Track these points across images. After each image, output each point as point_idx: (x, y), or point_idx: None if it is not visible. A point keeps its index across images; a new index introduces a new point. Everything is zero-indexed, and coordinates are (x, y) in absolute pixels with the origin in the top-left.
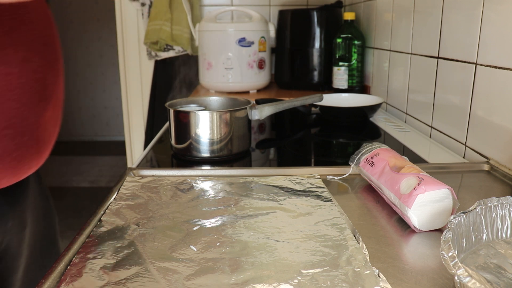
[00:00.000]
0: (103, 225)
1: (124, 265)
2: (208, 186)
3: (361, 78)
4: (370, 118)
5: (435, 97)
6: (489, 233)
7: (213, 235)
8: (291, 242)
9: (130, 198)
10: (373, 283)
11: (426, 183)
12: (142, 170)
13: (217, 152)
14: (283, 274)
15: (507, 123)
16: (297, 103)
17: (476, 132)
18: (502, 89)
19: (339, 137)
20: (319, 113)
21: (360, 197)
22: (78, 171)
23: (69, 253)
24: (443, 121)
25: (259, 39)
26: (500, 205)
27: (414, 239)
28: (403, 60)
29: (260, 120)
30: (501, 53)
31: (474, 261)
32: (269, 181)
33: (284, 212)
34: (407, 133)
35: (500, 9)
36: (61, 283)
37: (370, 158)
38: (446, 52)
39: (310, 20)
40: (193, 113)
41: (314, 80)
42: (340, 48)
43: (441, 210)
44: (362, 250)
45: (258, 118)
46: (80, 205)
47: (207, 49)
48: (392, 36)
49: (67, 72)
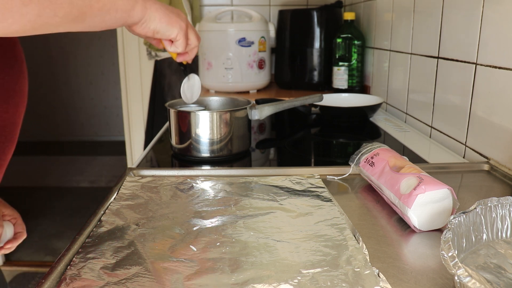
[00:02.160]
0: (103, 225)
1: (124, 265)
2: (208, 186)
3: (361, 78)
4: (370, 118)
5: (435, 97)
6: (489, 233)
7: (213, 235)
8: (291, 242)
9: (130, 198)
10: (373, 283)
11: (426, 183)
12: (142, 170)
13: (217, 152)
14: (283, 274)
15: (507, 123)
16: (297, 103)
17: (476, 132)
18: (502, 89)
19: (339, 137)
20: (319, 113)
21: (360, 197)
22: (78, 171)
23: (69, 253)
24: (443, 121)
25: (259, 39)
26: (500, 205)
27: (414, 239)
28: (403, 60)
29: (260, 120)
30: (501, 53)
31: (474, 261)
32: (269, 181)
33: (284, 212)
34: (407, 133)
35: (500, 9)
36: (61, 283)
37: (370, 158)
38: (446, 52)
39: (310, 20)
40: (193, 113)
41: (314, 80)
42: (340, 48)
43: (441, 210)
44: (362, 250)
45: (258, 118)
46: (80, 205)
47: (207, 49)
48: (392, 36)
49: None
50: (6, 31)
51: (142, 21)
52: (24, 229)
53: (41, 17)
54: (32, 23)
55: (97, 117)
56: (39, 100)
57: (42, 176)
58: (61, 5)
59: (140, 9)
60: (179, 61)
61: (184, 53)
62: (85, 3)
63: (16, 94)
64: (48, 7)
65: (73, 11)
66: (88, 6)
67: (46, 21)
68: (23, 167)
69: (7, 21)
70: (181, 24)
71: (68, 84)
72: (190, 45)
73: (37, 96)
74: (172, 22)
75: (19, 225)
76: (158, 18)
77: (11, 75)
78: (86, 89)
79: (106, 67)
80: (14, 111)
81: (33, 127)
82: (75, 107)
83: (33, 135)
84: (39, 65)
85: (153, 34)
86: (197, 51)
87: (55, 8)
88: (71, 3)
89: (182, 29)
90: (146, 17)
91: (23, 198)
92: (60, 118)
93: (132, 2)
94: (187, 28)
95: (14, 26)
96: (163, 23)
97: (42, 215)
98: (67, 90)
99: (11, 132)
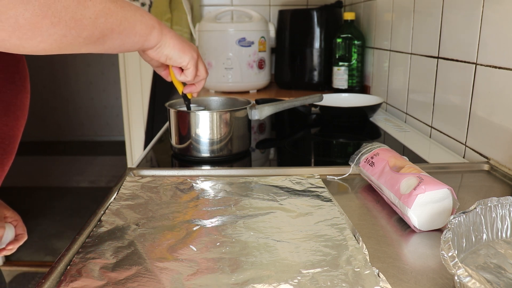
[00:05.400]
0: (103, 225)
1: (124, 265)
2: (208, 186)
3: (361, 78)
4: (370, 118)
5: (435, 97)
6: (489, 233)
7: (213, 235)
8: (291, 242)
9: (130, 198)
10: (373, 283)
11: (426, 183)
12: (142, 170)
13: (217, 152)
14: (283, 274)
15: (507, 123)
16: (297, 103)
17: (476, 132)
18: (502, 89)
19: (339, 137)
20: (319, 113)
21: (360, 197)
22: (78, 171)
23: (69, 253)
24: (443, 121)
25: (259, 39)
26: (500, 205)
27: (414, 239)
28: (403, 60)
29: (260, 120)
30: (501, 53)
31: (474, 261)
32: (269, 181)
33: (284, 212)
34: (407, 133)
35: (500, 9)
36: (61, 283)
37: (370, 158)
38: (446, 52)
39: (310, 20)
40: (193, 113)
41: (314, 80)
42: (340, 48)
43: (441, 210)
44: (362, 250)
45: (258, 118)
46: (80, 205)
47: (207, 49)
48: (392, 36)
49: (67, 71)
50: (34, 49)
51: (157, 46)
52: (25, 231)
53: (66, 37)
54: (58, 42)
55: (97, 117)
56: (39, 100)
57: (42, 176)
58: (85, 27)
59: (156, 35)
60: (185, 92)
61: (191, 85)
62: (107, 26)
63: (17, 108)
64: (74, 28)
65: (96, 33)
66: (109, 29)
67: (71, 42)
68: (23, 167)
69: (36, 39)
70: (193, 53)
71: (68, 84)
72: (199, 77)
73: (37, 96)
74: (185, 51)
75: (20, 227)
76: (172, 45)
77: (13, 89)
78: (86, 89)
79: (106, 67)
80: (13, 124)
81: (33, 127)
82: (75, 107)
83: (33, 135)
84: (39, 65)
85: (165, 59)
86: (203, 84)
87: (80, 29)
88: (94, 26)
89: (194, 58)
90: (162, 42)
91: (23, 198)
92: (60, 118)
93: (150, 27)
94: (198, 59)
95: (41, 44)
96: (176, 50)
97: (42, 215)
98: (67, 90)
99: (10, 144)
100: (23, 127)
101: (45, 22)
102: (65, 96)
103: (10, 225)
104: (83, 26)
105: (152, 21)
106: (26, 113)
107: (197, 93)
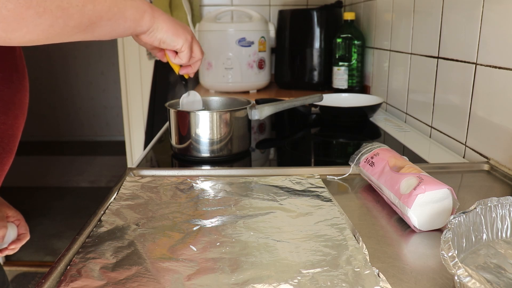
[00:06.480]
0: (103, 225)
1: (124, 265)
2: (208, 186)
3: (361, 78)
4: (370, 118)
5: (435, 97)
6: (489, 233)
7: (213, 235)
8: (291, 242)
9: (130, 198)
10: (373, 283)
11: (426, 183)
12: (142, 170)
13: (217, 152)
14: (283, 274)
15: (507, 123)
16: (297, 103)
17: (476, 132)
18: (502, 89)
19: (339, 137)
20: (319, 113)
21: (360, 197)
22: (78, 171)
23: (69, 253)
24: (443, 121)
25: (259, 39)
26: (500, 205)
27: (414, 239)
28: (403, 60)
29: (260, 120)
30: (501, 53)
31: (474, 261)
32: (269, 181)
33: (284, 212)
34: (407, 133)
35: (500, 9)
36: (61, 283)
37: (370, 158)
38: (446, 52)
39: (310, 20)
40: (193, 113)
41: (314, 80)
42: (340, 48)
43: (441, 210)
44: (362, 250)
45: (258, 118)
46: (80, 205)
47: (207, 49)
48: (392, 36)
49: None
50: (21, 40)
51: (150, 30)
52: (27, 230)
53: (53, 27)
54: (45, 33)
55: (97, 117)
56: (39, 100)
57: (42, 176)
58: (73, 16)
59: (148, 19)
60: (181, 74)
61: (187, 66)
62: (95, 13)
63: (16, 107)
64: (61, 18)
65: (84, 21)
66: (98, 16)
67: (59, 31)
68: (23, 167)
69: (22, 30)
70: (186, 36)
71: (68, 84)
72: (194, 58)
73: (37, 96)
74: (179, 33)
75: (22, 227)
76: (165, 29)
77: (11, 88)
78: (86, 89)
79: (106, 67)
80: (12, 123)
81: (33, 127)
82: (75, 107)
83: (33, 135)
84: (39, 65)
85: (159, 43)
86: (200, 65)
87: (67, 18)
88: (82, 14)
89: (188, 41)
90: (154, 26)
91: (23, 198)
92: (60, 118)
93: (141, 12)
94: (192, 40)
95: (28, 35)
96: (169, 33)
97: (42, 215)
98: (67, 90)
99: (9, 143)
100: (22, 126)
101: (30, 12)
102: (65, 96)
103: (13, 224)
104: (70, 14)
105: (144, 5)
106: (25, 112)
107: (193, 74)
